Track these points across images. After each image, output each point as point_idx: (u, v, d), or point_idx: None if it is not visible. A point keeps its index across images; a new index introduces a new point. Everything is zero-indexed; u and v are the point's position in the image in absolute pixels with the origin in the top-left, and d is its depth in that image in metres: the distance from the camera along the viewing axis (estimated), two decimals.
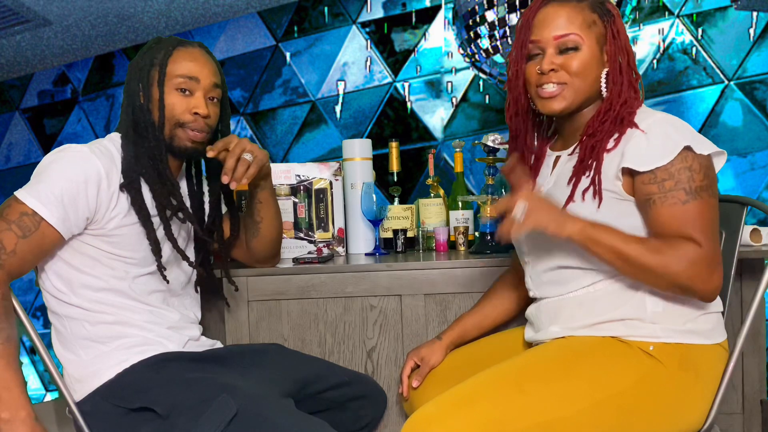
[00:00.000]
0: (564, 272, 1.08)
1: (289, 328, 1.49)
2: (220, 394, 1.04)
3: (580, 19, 1.06)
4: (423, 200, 1.88)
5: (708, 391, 1.02)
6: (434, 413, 0.95)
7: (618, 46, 1.07)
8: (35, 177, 1.08)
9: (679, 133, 0.99)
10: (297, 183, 1.73)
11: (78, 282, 1.11)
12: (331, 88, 2.74)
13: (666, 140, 0.98)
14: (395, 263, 1.46)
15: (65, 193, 1.05)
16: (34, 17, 2.58)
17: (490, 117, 2.51)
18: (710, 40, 2.24)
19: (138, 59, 1.22)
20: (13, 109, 3.36)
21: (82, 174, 1.07)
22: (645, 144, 0.99)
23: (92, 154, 1.09)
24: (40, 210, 1.03)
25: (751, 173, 2.18)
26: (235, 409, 1.01)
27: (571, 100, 1.07)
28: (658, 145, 0.98)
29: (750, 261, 1.43)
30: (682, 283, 0.96)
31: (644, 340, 1.00)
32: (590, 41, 1.06)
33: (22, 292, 3.30)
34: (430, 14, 2.60)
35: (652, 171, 0.98)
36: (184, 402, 1.04)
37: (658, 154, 0.97)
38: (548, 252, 1.11)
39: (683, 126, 1.01)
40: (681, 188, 0.97)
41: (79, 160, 1.08)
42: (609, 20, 1.08)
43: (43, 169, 1.08)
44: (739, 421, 1.46)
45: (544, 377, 0.98)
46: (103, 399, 1.08)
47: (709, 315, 1.04)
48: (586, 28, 1.06)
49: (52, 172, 1.07)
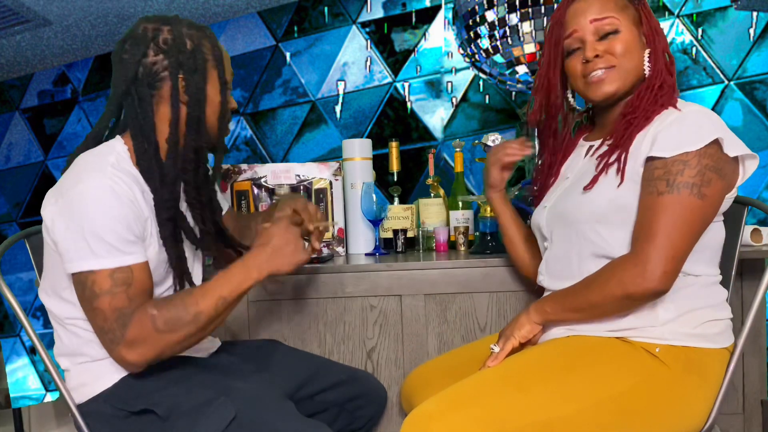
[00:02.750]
0: (580, 263, 1.07)
1: (289, 328, 1.49)
2: (219, 397, 1.03)
3: (612, 3, 1.07)
4: (423, 200, 1.87)
5: (711, 394, 1.02)
6: (434, 410, 0.95)
7: (652, 27, 1.08)
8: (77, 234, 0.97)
9: (713, 125, 0.96)
10: (297, 183, 1.72)
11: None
12: (331, 88, 2.74)
13: (698, 129, 0.96)
14: (395, 263, 1.46)
15: (118, 229, 0.99)
16: (34, 17, 2.58)
17: (490, 117, 2.51)
18: (710, 40, 2.24)
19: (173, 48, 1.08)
20: (13, 109, 3.36)
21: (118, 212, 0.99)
22: (676, 131, 0.97)
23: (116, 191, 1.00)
24: (110, 263, 0.98)
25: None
26: (233, 413, 1.01)
27: (621, 82, 1.08)
28: (688, 133, 0.96)
29: (750, 261, 1.42)
30: (621, 294, 0.96)
31: (651, 342, 1.00)
32: (627, 23, 1.07)
33: (22, 292, 3.30)
34: (430, 14, 2.60)
35: (662, 159, 0.96)
36: (184, 404, 1.04)
37: (683, 142, 0.95)
38: (568, 238, 1.11)
39: (720, 120, 0.98)
40: (665, 179, 0.95)
41: (105, 196, 0.99)
42: (639, 2, 1.09)
43: (80, 223, 0.97)
44: (739, 421, 1.46)
45: (545, 376, 0.98)
46: (105, 402, 1.07)
47: (720, 321, 1.03)
48: (620, 11, 1.07)
49: (91, 222, 0.97)
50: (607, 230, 1.03)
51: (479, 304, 1.46)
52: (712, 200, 0.96)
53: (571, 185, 1.14)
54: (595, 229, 1.04)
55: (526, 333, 1.09)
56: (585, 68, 1.08)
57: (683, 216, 0.93)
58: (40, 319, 3.32)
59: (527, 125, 1.97)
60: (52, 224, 0.99)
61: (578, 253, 1.08)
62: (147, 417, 1.05)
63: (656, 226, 0.93)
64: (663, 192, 0.94)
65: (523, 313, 1.11)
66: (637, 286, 0.94)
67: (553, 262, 1.15)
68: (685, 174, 0.94)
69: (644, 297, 0.96)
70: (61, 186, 1.01)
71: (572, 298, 1.04)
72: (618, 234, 1.02)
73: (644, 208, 0.97)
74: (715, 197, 0.96)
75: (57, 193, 1.01)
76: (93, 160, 1.04)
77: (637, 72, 1.08)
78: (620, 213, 1.01)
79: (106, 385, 1.07)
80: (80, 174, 1.00)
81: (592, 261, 1.06)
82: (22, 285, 3.30)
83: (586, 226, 1.06)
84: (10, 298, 1.10)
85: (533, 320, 1.09)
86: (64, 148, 3.25)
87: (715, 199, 0.97)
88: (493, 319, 1.46)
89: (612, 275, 0.97)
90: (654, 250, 0.93)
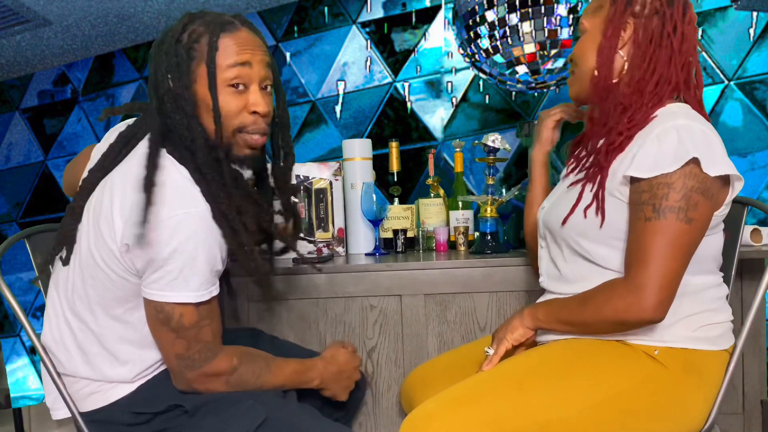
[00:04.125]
0: (577, 265, 1.07)
1: (289, 328, 1.49)
2: (245, 399, 1.04)
3: (592, 6, 1.10)
4: (423, 200, 1.87)
5: (710, 394, 1.01)
6: (434, 410, 0.95)
7: (615, 21, 1.03)
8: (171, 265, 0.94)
9: (692, 143, 0.92)
10: (297, 183, 1.72)
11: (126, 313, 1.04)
12: (331, 88, 2.74)
13: (676, 149, 0.92)
14: (395, 263, 1.46)
15: (209, 264, 0.97)
16: (34, 17, 2.58)
17: (490, 117, 2.51)
18: (710, 40, 2.24)
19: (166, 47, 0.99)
20: (13, 109, 3.36)
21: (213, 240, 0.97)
22: (655, 150, 0.94)
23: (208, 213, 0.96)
24: (199, 297, 0.97)
25: (751, 173, 2.18)
26: (263, 416, 1.01)
27: (578, 86, 1.11)
28: (665, 153, 0.92)
29: (750, 261, 1.42)
30: (615, 320, 0.95)
31: (650, 344, 1.00)
32: (594, 23, 1.08)
33: (22, 292, 3.30)
34: (430, 14, 2.60)
35: (643, 180, 0.94)
36: (211, 403, 1.04)
37: (659, 162, 0.92)
38: (556, 243, 1.11)
39: (705, 136, 0.94)
40: (651, 204, 0.92)
41: (202, 230, 0.95)
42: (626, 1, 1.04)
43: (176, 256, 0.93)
44: (739, 421, 1.46)
45: (546, 377, 0.98)
46: (123, 411, 1.05)
47: (720, 324, 1.03)
48: (592, 13, 1.09)
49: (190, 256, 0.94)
50: (590, 243, 1.03)
51: (479, 304, 1.46)
52: (700, 223, 0.93)
53: (563, 193, 1.14)
54: (578, 242, 1.05)
55: (519, 336, 1.09)
56: None
57: (672, 242, 0.91)
58: (40, 319, 3.31)
59: (527, 125, 1.97)
60: (137, 252, 0.94)
61: (568, 254, 1.09)
62: (172, 413, 1.05)
63: (648, 254, 0.92)
64: (650, 218, 0.92)
65: (517, 317, 1.11)
66: (632, 314, 0.93)
67: (547, 263, 1.16)
68: (670, 198, 0.91)
69: (638, 324, 0.96)
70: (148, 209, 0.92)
71: (566, 313, 1.03)
72: (601, 248, 1.02)
73: (635, 234, 0.95)
74: (702, 220, 0.93)
75: (142, 216, 0.92)
76: (176, 174, 0.96)
77: (591, 74, 1.07)
78: (602, 229, 1.01)
79: (124, 393, 1.05)
80: (164, 197, 0.93)
81: (580, 263, 1.07)
82: (22, 285, 3.30)
83: (569, 239, 1.07)
84: (10, 298, 1.09)
85: (526, 324, 1.09)
86: (64, 148, 3.25)
87: (703, 221, 0.94)
88: (493, 319, 1.46)
89: (607, 300, 0.96)
90: (648, 279, 0.91)
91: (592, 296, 0.99)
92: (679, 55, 1.01)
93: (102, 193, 1.01)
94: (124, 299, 1.02)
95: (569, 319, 1.03)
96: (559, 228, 1.08)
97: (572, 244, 1.06)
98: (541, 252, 1.19)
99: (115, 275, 0.99)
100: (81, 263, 1.03)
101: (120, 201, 0.96)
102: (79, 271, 1.03)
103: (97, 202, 1.01)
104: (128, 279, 0.99)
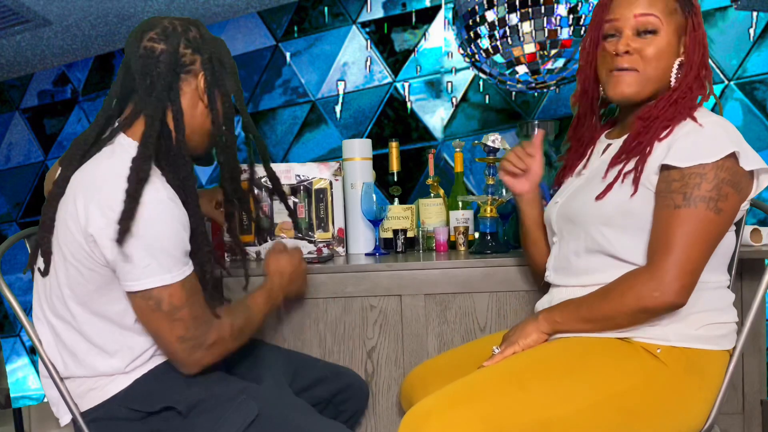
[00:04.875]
0: (591, 259, 1.07)
1: (289, 328, 1.49)
2: (238, 395, 1.04)
3: (662, 4, 1.04)
4: (423, 200, 1.87)
5: (711, 395, 1.01)
6: (433, 407, 0.95)
7: (696, 39, 1.04)
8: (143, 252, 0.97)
9: (731, 138, 0.95)
10: (297, 183, 1.72)
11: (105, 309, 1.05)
12: (331, 88, 2.74)
13: (714, 141, 0.95)
14: (395, 263, 1.46)
15: (180, 242, 1.01)
16: (34, 17, 2.58)
17: (490, 117, 2.51)
18: (710, 40, 2.24)
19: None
20: (13, 109, 3.36)
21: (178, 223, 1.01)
22: (692, 141, 0.96)
23: (173, 202, 1.01)
24: (181, 275, 1.01)
25: None
26: (256, 410, 1.02)
27: (640, 87, 1.06)
28: (704, 144, 0.95)
29: (750, 261, 1.42)
30: (638, 308, 0.95)
31: (653, 342, 1.00)
32: (669, 28, 1.04)
33: (22, 292, 3.30)
34: (430, 14, 2.60)
35: (675, 169, 0.95)
36: (205, 401, 1.04)
37: (698, 153, 0.94)
38: (575, 236, 1.11)
39: (737, 133, 0.97)
40: (681, 192, 0.94)
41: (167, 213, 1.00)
42: (690, 11, 1.05)
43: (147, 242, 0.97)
44: (739, 421, 1.46)
45: (546, 375, 0.98)
46: (120, 405, 1.05)
47: (724, 324, 1.03)
48: (667, 14, 1.04)
49: (158, 239, 0.98)
50: (614, 233, 1.03)
51: (479, 304, 1.46)
52: (728, 215, 0.95)
53: (583, 184, 1.14)
54: (602, 231, 1.04)
55: (531, 342, 1.08)
56: (613, 60, 1.07)
57: (699, 230, 0.93)
58: None
59: (527, 125, 1.97)
60: (105, 242, 0.96)
61: (583, 249, 1.08)
62: (166, 414, 1.05)
63: (673, 240, 0.93)
64: (680, 205, 0.94)
65: (532, 321, 1.09)
66: (655, 299, 0.93)
67: (559, 258, 1.16)
68: (702, 188, 0.93)
69: (661, 310, 0.96)
70: (107, 200, 0.96)
71: (586, 309, 1.03)
72: (624, 237, 1.02)
73: (661, 221, 0.96)
74: (730, 212, 0.96)
75: (105, 209, 0.96)
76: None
77: (660, 80, 1.06)
78: (628, 218, 1.01)
79: (120, 387, 1.06)
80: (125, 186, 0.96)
81: (595, 257, 1.06)
82: (22, 285, 3.30)
83: (592, 228, 1.06)
84: (10, 298, 1.09)
85: (542, 329, 1.08)
86: (64, 148, 3.25)
87: (731, 213, 0.96)
88: (493, 319, 1.46)
89: (628, 288, 0.97)
90: (672, 264, 0.92)
91: (614, 288, 0.99)
92: (702, 47, 1.05)
93: (67, 194, 1.03)
94: (99, 292, 1.03)
95: (590, 316, 1.02)
96: (587, 212, 1.06)
97: (594, 233, 1.05)
98: (553, 249, 1.19)
99: (86, 269, 1.00)
100: (56, 266, 1.04)
101: (84, 195, 0.99)
102: (54, 273, 1.05)
103: (63, 202, 1.03)
104: (97, 271, 1.00)
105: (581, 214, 1.08)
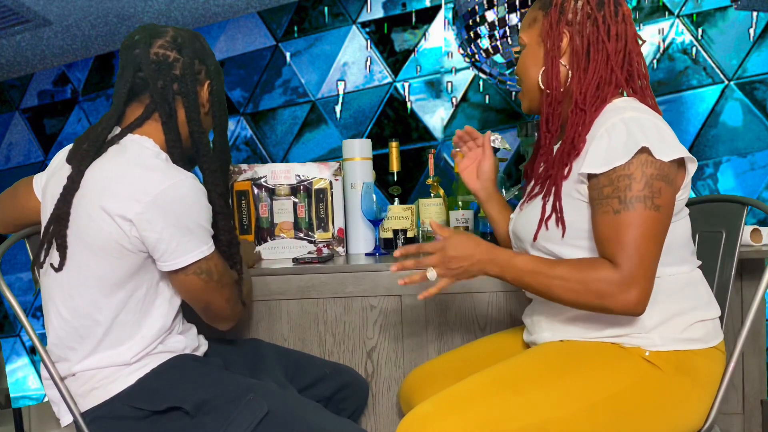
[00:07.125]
0: None
1: (289, 328, 1.49)
2: (246, 393, 1.05)
3: (528, 20, 1.11)
4: (423, 200, 1.87)
5: (705, 394, 1.02)
6: (430, 412, 0.95)
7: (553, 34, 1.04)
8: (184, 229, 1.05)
9: (641, 133, 0.93)
10: (297, 183, 1.73)
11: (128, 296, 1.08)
12: (331, 88, 2.74)
13: (625, 141, 0.93)
14: (395, 263, 1.46)
15: (207, 219, 1.10)
16: (34, 17, 2.58)
17: (490, 117, 2.51)
18: (710, 40, 2.24)
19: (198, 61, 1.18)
20: (13, 109, 3.36)
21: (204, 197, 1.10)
22: (606, 144, 0.95)
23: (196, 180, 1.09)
24: (213, 245, 1.11)
25: (751, 173, 2.18)
26: (266, 409, 1.02)
27: (528, 98, 1.13)
28: (615, 146, 0.94)
29: (750, 261, 1.42)
30: (600, 307, 0.94)
31: (641, 347, 1.00)
32: (532, 38, 1.10)
33: (22, 292, 3.30)
34: (430, 14, 2.60)
35: (601, 175, 0.95)
36: (212, 401, 1.04)
37: (611, 156, 0.93)
38: (525, 250, 1.12)
39: (651, 126, 0.95)
40: (616, 196, 0.92)
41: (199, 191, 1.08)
42: (549, 8, 1.06)
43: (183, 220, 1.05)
44: (739, 421, 1.46)
45: (540, 378, 0.98)
46: (123, 403, 1.05)
47: (706, 322, 1.03)
48: (528, 27, 1.10)
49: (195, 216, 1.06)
50: (558, 246, 1.04)
51: (479, 304, 1.46)
52: (667, 209, 0.94)
53: (527, 204, 1.15)
54: (546, 247, 1.06)
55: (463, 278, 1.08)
56: None
57: (645, 231, 0.91)
58: (40, 319, 3.31)
59: (527, 125, 1.97)
60: (144, 225, 1.01)
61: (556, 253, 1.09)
62: (172, 414, 1.05)
63: (624, 246, 0.91)
64: (618, 210, 0.92)
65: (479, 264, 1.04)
66: (617, 304, 0.92)
67: None
68: (633, 188, 0.91)
69: (619, 314, 0.95)
70: (140, 185, 1.02)
71: (546, 265, 0.99)
72: (567, 249, 1.03)
73: (604, 227, 0.94)
74: (668, 206, 0.94)
75: (139, 194, 1.01)
76: (154, 159, 1.08)
77: (537, 87, 1.09)
78: (564, 237, 1.02)
79: (123, 386, 1.06)
80: (155, 173, 1.03)
81: None
82: (22, 285, 3.30)
83: (539, 246, 1.07)
84: (10, 298, 1.09)
85: (489, 268, 1.03)
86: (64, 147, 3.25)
87: (669, 207, 0.95)
88: (493, 319, 1.46)
89: (597, 280, 0.93)
90: (633, 272, 0.91)
91: (584, 266, 0.95)
92: (616, 55, 1.03)
93: (86, 188, 1.05)
94: (126, 279, 1.06)
95: (548, 271, 0.97)
96: (530, 231, 1.08)
97: (542, 250, 1.07)
98: None
99: (114, 258, 1.03)
100: (77, 259, 1.05)
101: (112, 185, 1.03)
102: (74, 267, 1.05)
103: (80, 196, 1.05)
104: (127, 258, 1.05)
105: (525, 233, 1.11)
